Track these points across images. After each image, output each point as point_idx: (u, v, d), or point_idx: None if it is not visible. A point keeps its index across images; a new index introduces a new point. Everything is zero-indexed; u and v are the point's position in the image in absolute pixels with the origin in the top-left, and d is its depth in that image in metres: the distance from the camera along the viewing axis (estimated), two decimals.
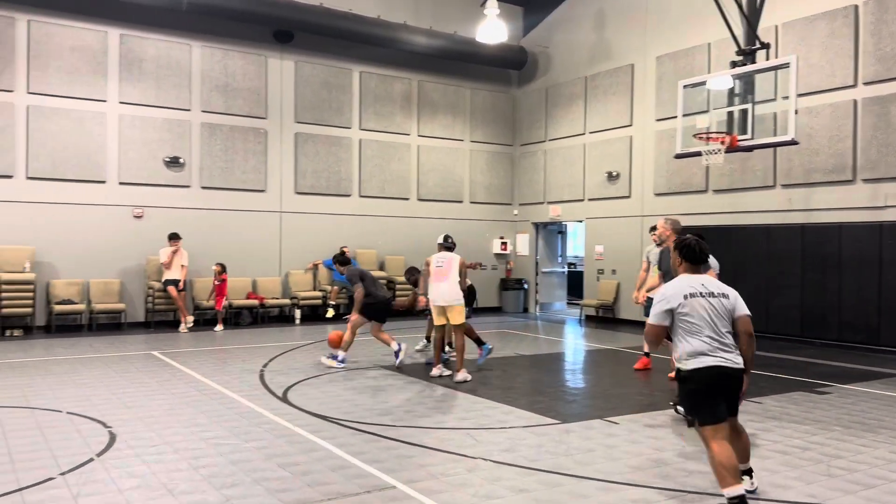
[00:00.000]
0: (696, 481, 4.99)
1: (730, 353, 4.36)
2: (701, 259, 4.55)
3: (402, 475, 5.01)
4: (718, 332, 4.34)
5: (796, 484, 4.96)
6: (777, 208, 12.71)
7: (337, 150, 16.01)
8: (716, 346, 4.32)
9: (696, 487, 4.86)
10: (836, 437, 6.19)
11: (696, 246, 4.53)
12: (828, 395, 8.07)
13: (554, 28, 17.56)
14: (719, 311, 4.38)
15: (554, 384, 8.58)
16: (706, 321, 4.34)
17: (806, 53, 12.14)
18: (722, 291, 4.47)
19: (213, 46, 14.62)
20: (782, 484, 4.96)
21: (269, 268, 15.16)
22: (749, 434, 6.24)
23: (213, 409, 6.99)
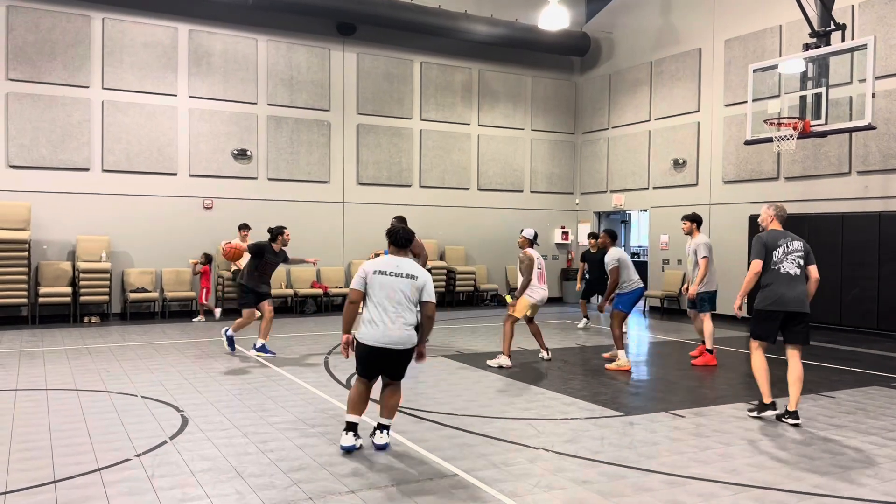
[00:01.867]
0: (765, 476, 4.86)
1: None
2: (401, 244, 5.53)
3: (464, 463, 5.04)
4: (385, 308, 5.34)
5: (871, 482, 4.77)
6: (853, 196, 12.20)
7: (398, 141, 16.13)
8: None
9: (765, 483, 4.74)
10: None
11: (401, 231, 5.55)
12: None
13: (617, 13, 17.22)
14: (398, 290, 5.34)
15: (617, 376, 8.47)
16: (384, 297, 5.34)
17: (885, 34, 11.58)
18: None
19: (277, 40, 14.90)
20: (855, 481, 4.78)
21: (333, 257, 15.42)
22: (822, 430, 6.04)
23: (280, 394, 7.17)
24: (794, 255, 6.33)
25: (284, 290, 14.46)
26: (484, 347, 10.41)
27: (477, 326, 12.92)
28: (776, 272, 6.29)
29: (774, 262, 6.30)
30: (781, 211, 6.60)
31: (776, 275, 6.29)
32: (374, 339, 5.29)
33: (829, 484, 4.72)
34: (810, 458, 5.27)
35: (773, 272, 6.30)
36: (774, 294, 6.26)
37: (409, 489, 4.54)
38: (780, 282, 6.27)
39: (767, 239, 6.37)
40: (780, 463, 5.16)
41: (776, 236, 6.38)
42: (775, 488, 4.64)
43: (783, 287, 6.25)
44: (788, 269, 6.29)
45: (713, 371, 8.87)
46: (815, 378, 8.29)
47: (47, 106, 12.99)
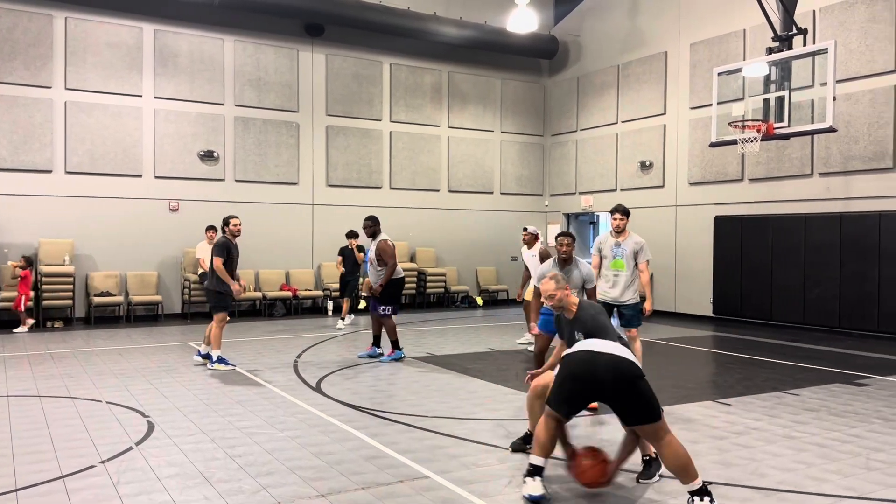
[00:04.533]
0: (731, 473, 4.93)
1: None
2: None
3: (435, 465, 5.03)
4: None
5: (834, 477, 4.88)
6: (815, 197, 12.46)
7: (367, 143, 16.08)
8: None
9: (731, 480, 4.81)
10: (875, 430, 6.07)
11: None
12: (867, 386, 7.91)
13: (585, 16, 17.38)
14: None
15: None
16: None
17: (845, 38, 11.86)
18: None
19: (245, 41, 14.77)
20: (819, 477, 4.88)
21: (302, 260, 15.31)
22: (786, 426, 6.16)
23: (249, 398, 7.09)
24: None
25: (253, 293, 14.31)
26: (454, 349, 10.41)
27: (447, 328, 12.93)
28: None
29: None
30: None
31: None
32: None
33: (792, 480, 4.81)
34: (774, 455, 5.36)
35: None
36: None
37: (379, 492, 4.52)
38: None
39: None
40: (746, 460, 5.24)
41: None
42: (740, 485, 4.71)
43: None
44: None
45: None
46: (780, 376, 8.45)
47: (8, 106, 12.70)
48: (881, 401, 7.19)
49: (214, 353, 8.69)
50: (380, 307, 9.23)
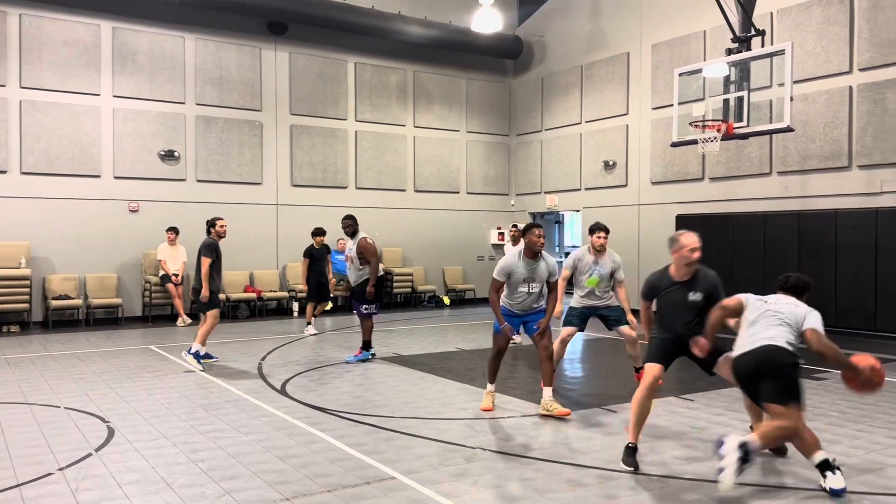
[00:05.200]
0: (694, 468, 5.00)
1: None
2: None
3: (401, 466, 5.02)
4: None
5: (794, 468, 4.97)
6: (773, 195, 12.72)
7: (332, 142, 15.97)
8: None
9: (695, 474, 4.88)
10: (832, 423, 6.22)
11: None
12: (824, 380, 8.10)
13: (549, 17, 17.49)
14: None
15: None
16: None
17: (801, 40, 12.12)
18: None
19: (206, 39, 14.55)
20: (780, 470, 4.97)
21: (267, 261, 15.15)
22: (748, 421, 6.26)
23: (212, 402, 6.99)
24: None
25: None
26: (422, 349, 10.40)
27: (415, 328, 12.91)
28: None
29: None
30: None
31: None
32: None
33: (754, 473, 4.90)
34: None
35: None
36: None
37: (345, 494, 4.49)
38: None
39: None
40: (709, 455, 5.32)
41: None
42: (704, 479, 4.78)
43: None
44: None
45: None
46: None
47: None
48: (838, 394, 7.36)
49: (195, 346, 8.76)
50: (363, 306, 9.21)
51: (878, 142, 11.31)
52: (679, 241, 5.36)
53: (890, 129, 11.17)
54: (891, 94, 11.15)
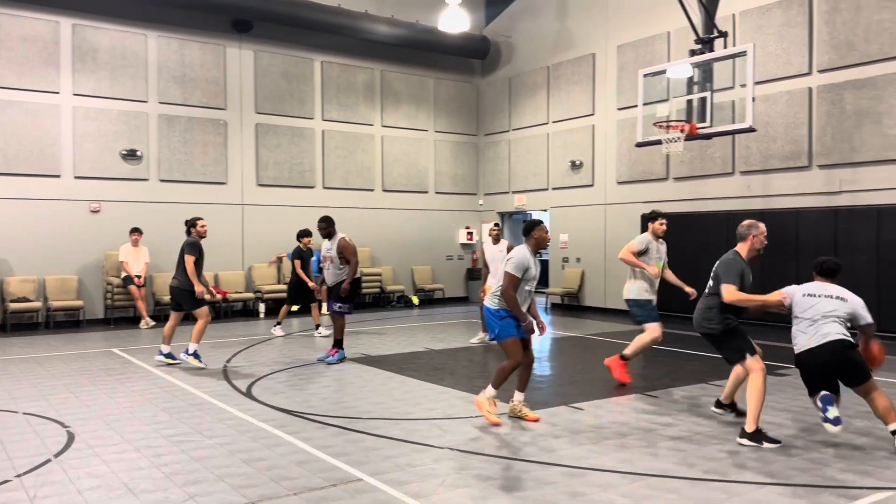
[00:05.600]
0: (660, 464, 5.06)
1: None
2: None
3: (369, 467, 4.98)
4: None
5: (756, 464, 5.05)
6: (737, 195, 12.92)
7: (299, 141, 15.83)
8: None
9: (660, 471, 4.93)
10: (794, 418, 6.33)
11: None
12: (786, 376, 8.25)
13: (516, 17, 17.56)
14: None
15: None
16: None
17: (762, 42, 12.33)
18: None
19: (169, 36, 14.32)
20: (743, 465, 5.05)
21: (232, 261, 14.95)
22: (711, 416, 6.35)
23: (175, 405, 6.88)
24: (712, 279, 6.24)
25: None
26: (391, 349, 10.36)
27: (384, 328, 12.86)
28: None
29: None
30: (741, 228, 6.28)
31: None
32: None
33: (718, 468, 4.97)
34: (700, 445, 5.52)
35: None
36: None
37: (311, 497, 4.44)
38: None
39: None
40: (673, 451, 5.39)
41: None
42: (669, 475, 4.83)
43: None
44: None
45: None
46: (704, 368, 8.72)
47: None
48: (798, 389, 7.49)
49: (192, 346, 8.79)
50: (336, 304, 9.20)
51: (837, 142, 11.56)
52: (759, 227, 6.21)
53: (848, 129, 11.42)
54: (849, 95, 11.41)
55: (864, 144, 11.24)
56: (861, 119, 11.27)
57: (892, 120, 10.92)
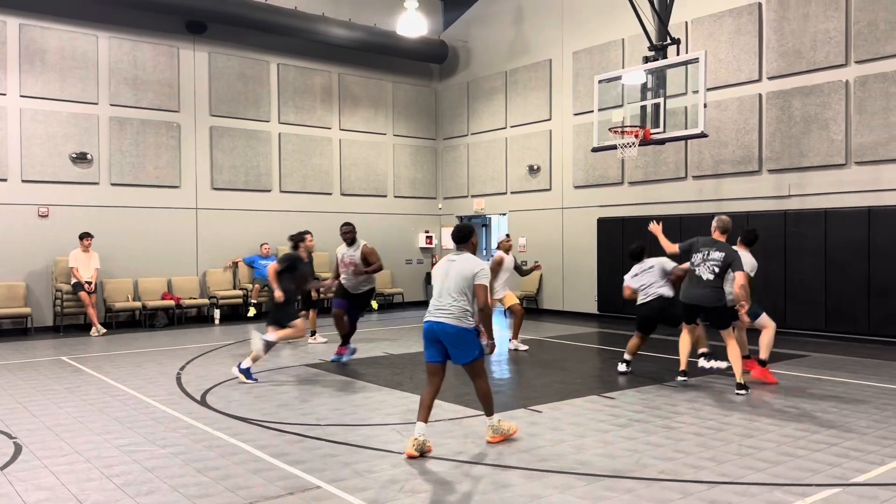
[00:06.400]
0: (616, 465, 5.12)
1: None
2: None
3: (327, 474, 4.94)
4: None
5: (709, 464, 5.15)
6: (689, 199, 13.18)
7: (255, 144, 15.64)
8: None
9: (616, 471, 4.99)
10: (746, 417, 6.48)
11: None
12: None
13: (473, 23, 17.65)
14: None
15: None
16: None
17: (714, 49, 12.62)
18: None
19: (120, 37, 14.01)
20: (696, 465, 5.14)
21: (186, 267, 14.68)
22: (666, 417, 6.46)
23: (128, 415, 6.72)
24: (710, 264, 7.60)
25: (132, 302, 13.60)
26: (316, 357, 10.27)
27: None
28: (692, 273, 7.75)
29: (694, 264, 7.75)
30: (719, 223, 7.93)
31: (690, 275, 7.78)
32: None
33: (672, 469, 5.05)
34: (656, 446, 5.61)
35: (690, 273, 7.80)
36: (683, 291, 7.83)
37: None
38: (691, 281, 7.74)
39: (694, 243, 7.90)
40: (629, 451, 5.46)
41: (704, 243, 7.81)
42: (625, 476, 4.90)
43: (691, 286, 7.71)
44: (701, 273, 7.62)
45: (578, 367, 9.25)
46: (660, 369, 8.86)
47: None
48: (752, 389, 7.68)
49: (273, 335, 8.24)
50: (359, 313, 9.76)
51: (786, 147, 11.88)
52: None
53: (796, 135, 11.75)
54: (796, 101, 11.74)
55: (811, 150, 11.58)
56: (808, 125, 11.61)
57: (838, 126, 11.28)
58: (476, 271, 5.46)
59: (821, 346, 10.80)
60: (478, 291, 5.43)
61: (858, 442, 5.66)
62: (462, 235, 5.74)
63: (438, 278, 5.62)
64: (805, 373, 8.67)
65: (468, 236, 5.74)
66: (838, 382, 8.05)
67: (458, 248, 5.76)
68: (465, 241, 5.72)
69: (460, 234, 5.75)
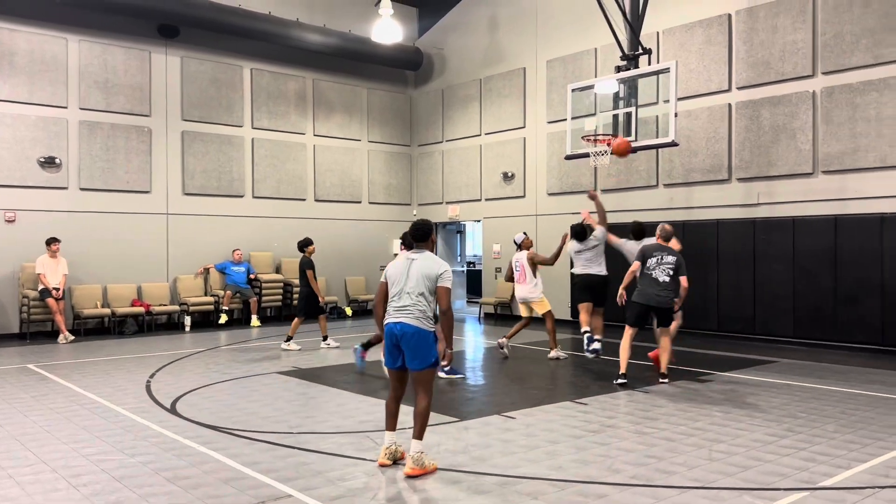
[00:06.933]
0: (588, 471, 5.14)
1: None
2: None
3: (299, 483, 4.90)
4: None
5: (680, 469, 5.20)
6: (660, 207, 13.33)
7: (228, 150, 15.50)
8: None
9: (589, 477, 5.01)
10: (716, 423, 6.55)
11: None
12: (709, 382, 8.53)
13: (448, 30, 17.71)
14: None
15: (454, 382, 8.64)
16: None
17: (685, 59, 12.80)
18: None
19: (91, 40, 13.83)
20: (667, 470, 5.19)
21: (156, 273, 14.49)
22: (637, 422, 6.51)
23: (96, 423, 6.60)
24: (665, 267, 8.38)
25: (100, 309, 13.39)
26: (321, 362, 10.23)
27: (316, 340, 12.68)
28: (646, 276, 8.43)
29: (649, 268, 8.43)
30: (663, 231, 8.70)
31: (645, 278, 8.44)
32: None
33: (644, 474, 5.09)
34: (627, 451, 5.65)
35: (646, 276, 8.43)
36: (639, 292, 8.48)
37: None
38: (647, 283, 8.43)
39: (645, 250, 8.58)
40: (601, 457, 5.49)
41: (656, 248, 8.54)
42: (597, 482, 4.92)
43: (647, 287, 8.42)
44: (657, 275, 8.37)
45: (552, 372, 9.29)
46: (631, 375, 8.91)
47: None
48: (721, 395, 7.78)
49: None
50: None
51: (755, 156, 12.08)
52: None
53: (765, 144, 11.95)
54: (765, 111, 11.95)
55: (779, 159, 11.79)
56: (777, 134, 11.81)
57: (805, 136, 11.49)
58: (440, 272, 5.21)
59: (790, 351, 10.97)
60: (441, 294, 5.18)
61: (826, 446, 5.76)
62: (422, 233, 5.40)
63: (397, 278, 5.31)
64: (774, 378, 8.80)
65: (428, 234, 5.41)
66: (807, 388, 8.19)
67: (416, 247, 5.45)
68: (425, 240, 5.40)
69: (420, 232, 5.40)
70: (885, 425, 6.42)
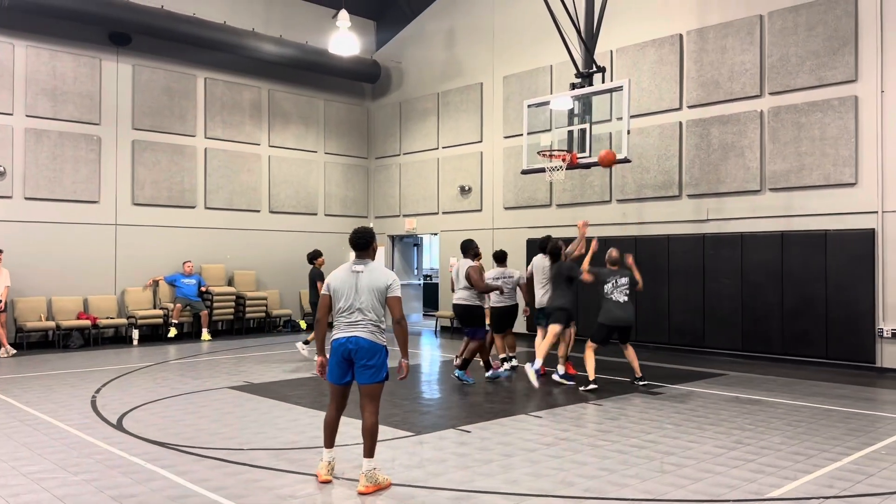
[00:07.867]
0: (542, 484, 5.15)
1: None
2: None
3: (249, 500, 4.79)
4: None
5: (633, 482, 5.25)
6: (613, 221, 13.53)
7: (180, 160, 15.23)
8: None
9: (542, 490, 5.02)
10: (668, 435, 6.64)
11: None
12: (661, 395, 8.66)
13: (406, 44, 17.76)
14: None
15: (409, 396, 8.59)
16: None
17: (637, 78, 13.06)
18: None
19: (39, 47, 13.47)
20: (620, 482, 5.23)
21: (103, 285, 14.11)
22: (591, 435, 6.56)
23: (37, 440, 6.37)
24: (622, 288, 9.08)
25: (45, 322, 12.97)
26: (275, 376, 10.07)
27: (269, 354, 12.49)
28: (609, 300, 9.06)
29: (606, 293, 9.08)
30: (609, 258, 9.32)
31: (609, 302, 9.05)
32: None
33: (597, 487, 5.12)
34: (581, 464, 5.69)
35: (607, 299, 9.07)
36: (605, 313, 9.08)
37: None
38: (611, 305, 9.05)
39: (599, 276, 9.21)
40: (555, 470, 5.51)
41: (610, 272, 9.21)
42: (551, 495, 4.93)
43: (613, 309, 9.05)
44: (618, 297, 9.04)
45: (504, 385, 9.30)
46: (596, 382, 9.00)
47: None
48: (672, 407, 7.90)
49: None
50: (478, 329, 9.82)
51: (704, 173, 12.37)
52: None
53: (714, 162, 12.25)
54: (714, 130, 12.25)
55: (728, 176, 12.09)
56: (726, 152, 12.12)
57: (753, 154, 11.82)
58: (389, 283, 5.12)
59: (738, 364, 11.21)
60: (393, 304, 5.10)
61: (773, 458, 5.89)
62: (364, 241, 5.23)
63: (345, 292, 5.12)
64: (723, 391, 8.98)
65: (370, 242, 5.25)
66: (754, 400, 8.37)
67: (358, 256, 5.26)
68: (367, 248, 5.24)
69: (362, 240, 5.23)
70: (829, 437, 6.60)
